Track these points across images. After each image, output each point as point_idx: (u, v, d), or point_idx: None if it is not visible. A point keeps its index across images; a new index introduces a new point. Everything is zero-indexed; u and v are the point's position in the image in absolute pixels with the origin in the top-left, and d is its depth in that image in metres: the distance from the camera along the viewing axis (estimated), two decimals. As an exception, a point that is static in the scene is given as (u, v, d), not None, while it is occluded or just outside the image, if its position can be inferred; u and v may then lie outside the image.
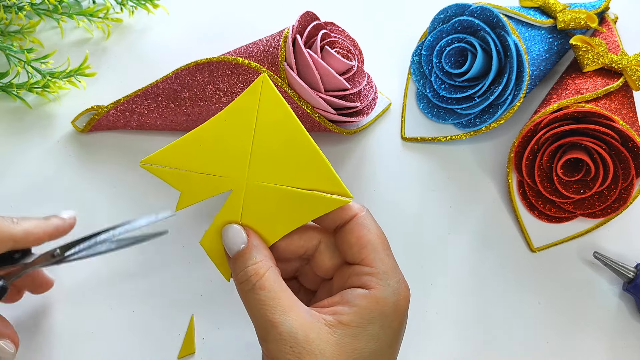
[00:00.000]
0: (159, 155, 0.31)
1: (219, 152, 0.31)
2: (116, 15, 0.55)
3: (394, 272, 0.30)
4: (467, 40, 0.47)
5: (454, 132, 0.49)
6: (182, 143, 0.31)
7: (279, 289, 0.29)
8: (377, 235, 0.31)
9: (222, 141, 0.31)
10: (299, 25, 0.44)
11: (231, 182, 0.31)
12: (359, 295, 0.29)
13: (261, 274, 0.29)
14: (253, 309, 0.29)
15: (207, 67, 0.44)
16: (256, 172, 0.31)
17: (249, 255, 0.30)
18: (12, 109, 0.50)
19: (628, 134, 0.41)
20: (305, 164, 0.30)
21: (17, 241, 0.33)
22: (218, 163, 0.31)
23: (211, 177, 0.31)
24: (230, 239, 0.31)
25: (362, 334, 0.28)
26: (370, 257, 0.30)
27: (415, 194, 0.47)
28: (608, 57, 0.46)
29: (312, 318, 0.28)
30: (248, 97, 0.31)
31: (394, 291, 0.30)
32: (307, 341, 0.27)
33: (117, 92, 0.49)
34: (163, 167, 0.31)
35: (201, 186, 0.31)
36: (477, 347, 0.42)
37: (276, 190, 0.31)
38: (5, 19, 0.50)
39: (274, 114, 0.31)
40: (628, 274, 0.42)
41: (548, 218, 0.46)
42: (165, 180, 0.31)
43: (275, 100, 0.31)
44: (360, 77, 0.47)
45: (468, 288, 0.44)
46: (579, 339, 0.42)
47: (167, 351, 0.41)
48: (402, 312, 0.30)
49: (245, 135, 0.31)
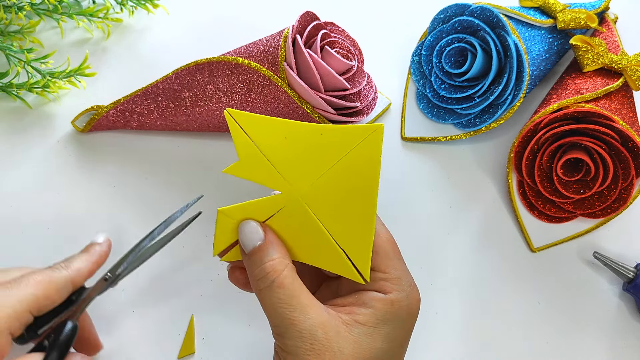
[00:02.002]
0: (246, 117, 0.30)
1: (295, 156, 0.30)
2: (116, 15, 0.55)
3: (406, 277, 0.31)
4: (467, 40, 0.47)
5: (454, 132, 0.49)
6: (272, 123, 0.30)
7: (298, 287, 0.29)
8: (387, 241, 0.32)
9: (305, 148, 0.30)
10: (299, 25, 0.44)
11: (285, 187, 0.30)
12: (375, 298, 0.30)
13: (279, 271, 0.29)
14: (270, 307, 0.29)
15: (207, 67, 0.44)
16: (311, 196, 0.30)
17: (266, 252, 0.30)
18: (12, 109, 0.50)
19: (628, 134, 0.41)
20: (354, 226, 0.30)
21: (75, 283, 0.33)
22: (287, 163, 0.30)
23: (273, 170, 0.30)
24: (247, 234, 0.30)
25: (377, 334, 0.29)
26: (384, 263, 0.31)
27: (415, 194, 0.47)
28: (608, 57, 0.46)
29: (330, 316, 0.29)
30: (354, 131, 0.30)
31: (407, 295, 0.31)
32: (327, 339, 0.28)
33: (117, 92, 0.49)
34: (242, 128, 0.30)
35: (259, 169, 0.30)
36: (477, 347, 0.42)
37: (314, 224, 0.30)
38: (5, 19, 0.50)
39: (363, 165, 0.30)
40: (628, 274, 0.42)
41: (548, 218, 0.46)
42: (235, 140, 0.31)
43: (374, 155, 0.30)
44: (360, 77, 0.47)
45: (468, 288, 0.44)
46: (579, 339, 0.42)
47: (167, 351, 0.41)
48: (414, 315, 0.31)
49: (326, 159, 0.30)
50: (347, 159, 0.30)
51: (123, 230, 0.44)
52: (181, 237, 0.44)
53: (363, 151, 0.30)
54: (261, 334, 0.41)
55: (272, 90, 0.43)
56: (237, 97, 0.44)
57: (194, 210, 0.39)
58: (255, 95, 0.44)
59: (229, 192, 0.46)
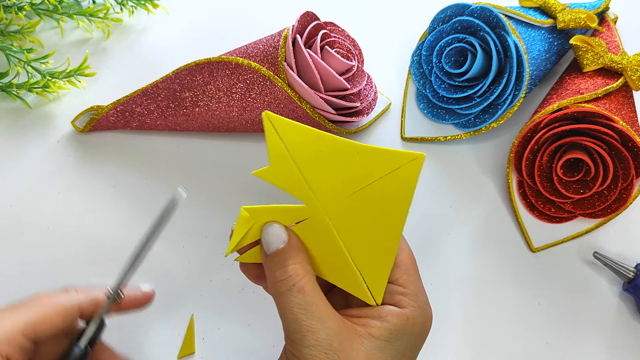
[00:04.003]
0: (285, 123, 0.29)
1: (327, 170, 0.29)
2: (116, 15, 0.55)
3: (423, 294, 0.31)
4: (467, 40, 0.47)
5: (454, 132, 0.49)
6: (309, 133, 0.29)
7: (318, 294, 0.29)
8: (409, 256, 0.32)
9: (338, 164, 0.29)
10: (299, 25, 0.44)
11: (312, 201, 0.30)
12: (391, 312, 0.30)
13: (301, 275, 0.29)
14: (287, 311, 0.28)
15: (207, 67, 0.45)
16: (337, 213, 0.30)
17: (289, 255, 0.29)
18: (12, 109, 0.50)
19: (628, 134, 0.41)
20: (376, 251, 0.30)
21: (84, 310, 0.32)
22: (318, 176, 0.29)
23: (302, 181, 0.30)
24: (271, 235, 0.30)
25: (389, 348, 0.29)
26: (404, 277, 0.31)
27: (415, 194, 0.47)
28: (608, 57, 0.46)
29: (346, 327, 0.29)
30: (393, 155, 0.29)
31: (422, 312, 0.31)
32: (342, 349, 0.28)
33: (117, 92, 0.49)
34: (277, 133, 0.29)
35: (288, 178, 0.30)
36: (477, 347, 0.42)
37: (335, 241, 0.30)
38: (5, 19, 0.50)
39: (396, 191, 0.29)
40: (628, 274, 0.42)
41: (548, 218, 0.46)
42: (269, 144, 0.30)
43: (410, 183, 0.29)
44: (360, 77, 0.47)
45: (468, 288, 0.44)
46: (579, 339, 0.42)
47: (167, 351, 0.41)
48: (426, 333, 0.31)
49: (359, 179, 0.29)
50: (380, 183, 0.29)
51: (123, 230, 0.44)
52: (181, 238, 0.44)
53: (399, 178, 0.29)
54: (261, 334, 0.41)
55: (272, 90, 0.43)
56: (237, 97, 0.44)
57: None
58: (255, 95, 0.44)
59: (229, 192, 0.46)
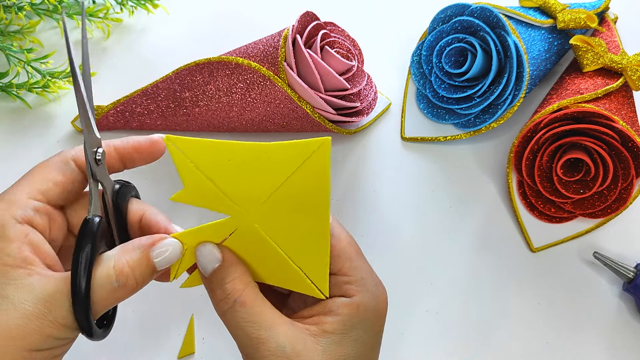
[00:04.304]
0: (187, 142, 0.29)
1: (241, 177, 0.29)
2: (116, 15, 0.55)
3: (370, 277, 0.31)
4: (467, 40, 0.47)
5: (454, 132, 0.49)
6: (213, 146, 0.29)
7: (261, 304, 0.28)
8: (348, 243, 0.31)
9: (250, 169, 0.29)
10: (299, 25, 0.44)
11: (235, 211, 0.30)
12: (341, 303, 0.29)
13: (240, 290, 0.29)
14: (235, 328, 0.28)
15: (207, 67, 0.44)
16: (262, 217, 0.29)
17: (225, 273, 0.29)
18: (12, 109, 0.50)
19: (628, 134, 0.41)
20: (310, 243, 0.30)
21: (77, 159, 0.30)
22: (234, 186, 0.29)
23: (220, 194, 0.29)
24: (204, 257, 0.30)
25: (346, 340, 0.29)
26: (346, 266, 0.30)
27: (415, 194, 0.47)
28: (608, 57, 0.46)
29: (297, 330, 0.28)
30: (299, 147, 0.29)
31: (373, 296, 0.30)
32: (296, 353, 0.27)
33: (117, 92, 0.49)
34: (184, 154, 0.29)
35: (206, 195, 0.30)
36: (477, 347, 0.42)
37: (268, 244, 0.30)
38: (5, 19, 0.50)
39: (312, 179, 0.29)
40: (628, 274, 0.42)
41: (548, 218, 0.46)
42: (178, 168, 0.30)
43: (323, 169, 0.29)
44: (360, 77, 0.47)
45: (468, 288, 0.44)
46: (579, 339, 0.42)
47: (167, 351, 0.41)
48: (382, 315, 0.31)
49: (274, 178, 0.29)
50: (294, 177, 0.29)
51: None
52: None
53: (311, 167, 0.28)
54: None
55: (272, 90, 0.43)
56: (237, 97, 0.44)
57: None
58: (255, 95, 0.44)
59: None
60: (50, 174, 0.30)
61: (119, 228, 0.31)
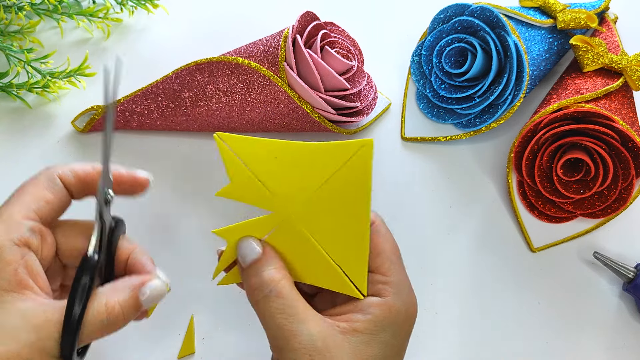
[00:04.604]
0: (237, 139, 0.30)
1: (286, 175, 0.30)
2: (116, 15, 0.55)
3: (406, 283, 0.31)
4: (467, 40, 0.47)
5: (454, 132, 0.49)
6: (261, 144, 0.30)
7: (296, 297, 0.29)
8: (391, 245, 0.31)
9: (295, 167, 0.30)
10: (299, 25, 0.44)
11: (278, 207, 0.30)
12: (373, 303, 0.30)
13: (277, 280, 0.29)
14: (268, 318, 0.28)
15: (207, 67, 0.44)
16: (304, 214, 0.30)
17: (264, 263, 0.30)
18: (12, 109, 0.50)
19: (628, 134, 0.41)
20: (350, 243, 0.30)
21: (63, 177, 0.31)
22: (279, 183, 0.30)
23: (265, 190, 0.30)
24: (245, 249, 0.30)
25: (374, 341, 0.29)
26: (385, 265, 0.31)
27: (415, 194, 0.47)
28: (608, 57, 0.46)
29: (328, 326, 0.28)
30: (343, 147, 0.30)
31: (405, 301, 0.30)
32: (327, 349, 0.27)
33: (117, 92, 0.49)
34: (232, 151, 0.30)
35: (251, 191, 0.30)
36: (477, 347, 0.42)
37: (309, 242, 0.30)
38: (5, 19, 0.50)
39: (354, 180, 0.29)
40: (628, 274, 0.42)
41: (548, 218, 0.46)
42: (226, 162, 0.30)
43: (365, 170, 0.29)
44: (360, 77, 0.47)
45: (468, 288, 0.44)
46: (579, 339, 0.42)
47: (167, 351, 0.41)
48: (412, 321, 0.31)
49: (317, 176, 0.30)
50: (337, 176, 0.30)
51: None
52: (181, 238, 0.44)
53: (353, 167, 0.29)
54: (261, 334, 0.41)
55: (272, 90, 0.43)
56: (237, 97, 0.44)
57: None
58: (255, 95, 0.44)
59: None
60: (41, 192, 0.30)
61: (106, 263, 0.31)
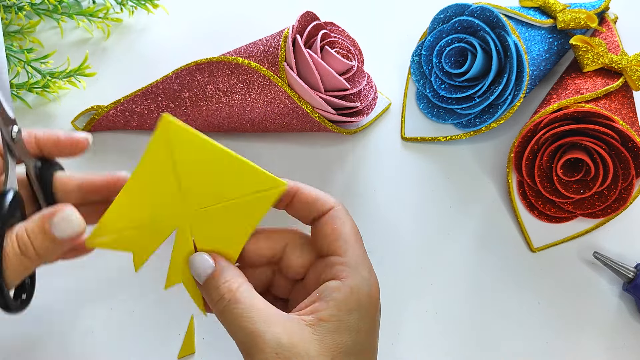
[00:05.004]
0: (98, 229, 0.30)
1: (151, 201, 0.30)
2: (116, 15, 0.55)
3: (364, 262, 0.31)
4: (467, 40, 0.47)
5: (454, 132, 0.49)
6: (113, 209, 0.30)
7: (255, 300, 0.29)
8: (350, 228, 0.31)
9: (149, 190, 0.30)
10: (299, 25, 0.44)
11: (173, 221, 0.31)
12: (333, 287, 0.29)
13: (234, 289, 0.29)
14: (232, 325, 0.29)
15: (207, 67, 0.45)
16: (191, 203, 0.30)
17: (219, 276, 0.30)
18: (12, 109, 0.50)
19: (628, 134, 0.41)
20: (230, 176, 0.30)
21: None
22: (154, 210, 0.30)
23: (154, 225, 0.30)
24: (198, 266, 0.30)
25: (342, 327, 0.28)
26: (343, 247, 0.30)
27: (415, 194, 0.47)
28: (608, 57, 0.46)
29: (293, 321, 0.28)
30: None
31: (366, 281, 0.30)
32: (292, 344, 0.27)
33: (117, 92, 0.49)
34: (108, 237, 0.30)
35: (148, 238, 0.31)
36: (477, 347, 0.42)
37: (214, 211, 0.30)
38: (5, 19, 0.50)
39: (186, 145, 0.29)
40: (628, 274, 0.42)
41: (548, 218, 0.46)
42: (116, 248, 0.31)
43: (183, 132, 0.29)
44: (360, 77, 0.47)
45: (468, 288, 0.44)
46: (579, 339, 0.42)
47: (167, 351, 0.41)
48: (376, 302, 0.31)
49: (167, 176, 0.30)
50: (177, 159, 0.29)
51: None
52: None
53: (175, 139, 0.29)
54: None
55: (272, 90, 0.43)
56: (237, 97, 0.44)
57: None
58: (255, 95, 0.44)
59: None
60: None
61: (48, 202, 0.31)
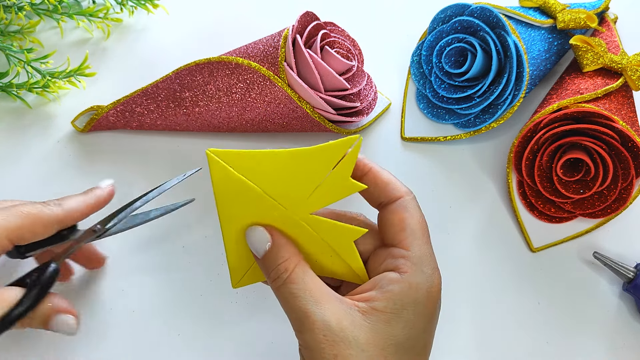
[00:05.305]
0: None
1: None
2: (116, 15, 0.55)
3: (429, 259, 0.30)
4: (467, 40, 0.47)
5: (453, 132, 0.49)
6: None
7: (309, 281, 0.29)
8: (418, 221, 0.31)
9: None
10: (299, 25, 0.44)
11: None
12: (392, 279, 0.29)
13: (290, 269, 0.30)
14: (286, 302, 0.29)
15: (207, 67, 0.45)
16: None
17: (278, 255, 0.30)
18: (12, 109, 0.50)
19: (628, 134, 0.41)
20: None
21: (62, 222, 0.34)
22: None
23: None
24: (255, 240, 0.31)
25: (395, 320, 0.28)
26: (408, 240, 0.30)
27: (415, 194, 0.47)
28: (608, 57, 0.46)
29: (345, 306, 0.28)
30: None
31: (427, 278, 0.30)
32: (341, 329, 0.27)
33: (117, 92, 0.49)
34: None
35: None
36: (477, 347, 0.42)
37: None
38: (5, 19, 0.50)
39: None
40: (628, 274, 0.42)
41: (548, 218, 0.46)
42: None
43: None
44: (360, 77, 0.47)
45: (468, 288, 0.44)
46: (579, 339, 0.42)
47: (167, 351, 0.40)
48: (435, 300, 0.30)
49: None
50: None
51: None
52: (181, 238, 0.44)
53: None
54: (261, 331, 0.41)
55: (272, 90, 0.43)
56: (237, 97, 0.44)
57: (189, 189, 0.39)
58: (255, 95, 0.44)
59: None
60: (37, 227, 0.33)
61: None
